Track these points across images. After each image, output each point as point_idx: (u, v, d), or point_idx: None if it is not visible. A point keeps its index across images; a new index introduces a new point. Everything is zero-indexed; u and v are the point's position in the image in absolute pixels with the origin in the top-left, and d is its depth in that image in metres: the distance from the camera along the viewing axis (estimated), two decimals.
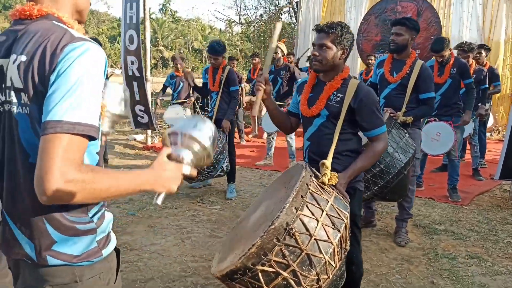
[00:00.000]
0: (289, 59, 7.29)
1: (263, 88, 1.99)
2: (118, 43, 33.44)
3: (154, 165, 1.09)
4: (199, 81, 6.44)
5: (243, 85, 8.17)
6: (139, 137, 7.95)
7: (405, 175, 2.83)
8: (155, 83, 12.29)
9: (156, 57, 34.97)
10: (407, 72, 3.19)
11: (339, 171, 1.98)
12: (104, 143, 1.23)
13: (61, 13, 1.06)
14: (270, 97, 2.13)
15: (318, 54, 2.08)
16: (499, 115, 8.09)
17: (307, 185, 1.62)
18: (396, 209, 3.72)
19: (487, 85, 5.20)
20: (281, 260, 1.47)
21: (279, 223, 1.47)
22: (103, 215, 1.13)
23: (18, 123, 1.00)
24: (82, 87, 0.92)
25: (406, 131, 3.02)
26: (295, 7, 13.57)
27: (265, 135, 6.24)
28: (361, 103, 2.04)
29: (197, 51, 38.73)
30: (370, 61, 7.24)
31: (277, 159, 6.17)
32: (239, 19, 18.94)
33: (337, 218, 1.62)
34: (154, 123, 6.75)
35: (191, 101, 6.84)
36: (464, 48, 4.81)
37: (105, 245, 1.11)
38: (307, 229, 1.51)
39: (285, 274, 1.48)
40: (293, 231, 1.48)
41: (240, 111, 7.82)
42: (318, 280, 1.53)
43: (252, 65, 8.52)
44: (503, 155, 4.16)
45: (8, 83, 1.01)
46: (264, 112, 6.69)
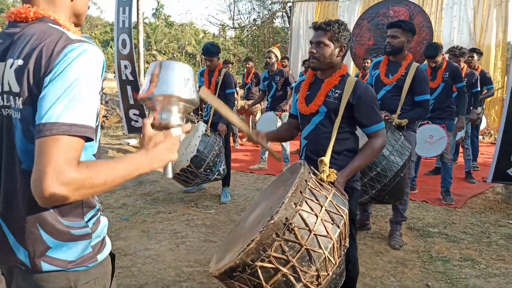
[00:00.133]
0: (283, 63, 7.31)
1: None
2: (111, 47, 33.33)
3: (144, 143, 1.04)
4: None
5: (237, 89, 8.17)
6: (133, 142, 7.91)
7: (402, 178, 2.84)
8: None
9: (149, 61, 34.87)
10: (403, 74, 3.20)
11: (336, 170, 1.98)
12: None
13: (58, 15, 1.05)
14: (267, 138, 2.22)
15: (315, 51, 2.08)
16: (490, 118, 8.17)
17: (306, 181, 1.62)
18: (390, 212, 3.74)
19: (479, 89, 5.26)
20: (280, 255, 1.46)
21: (278, 218, 1.46)
22: (98, 219, 1.11)
23: (15, 128, 1.00)
24: (79, 87, 0.91)
25: (401, 134, 3.03)
26: (288, 12, 13.64)
27: None
28: (360, 99, 2.05)
29: (191, 56, 38.71)
30: (366, 65, 7.07)
31: (271, 163, 6.17)
32: (233, 23, 19.05)
33: (336, 214, 1.62)
34: None
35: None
36: (455, 52, 4.87)
37: (100, 250, 1.10)
38: (307, 224, 1.50)
39: (284, 270, 1.46)
40: (293, 226, 1.47)
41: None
42: (318, 276, 1.51)
43: (246, 69, 8.53)
44: (495, 158, 4.19)
45: (6, 88, 1.00)
46: (258, 116, 6.70)
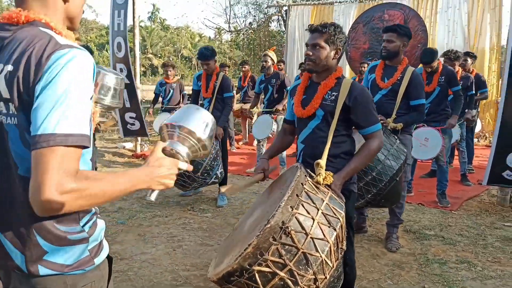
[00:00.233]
0: (279, 66, 7.33)
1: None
2: (106, 50, 33.24)
3: (149, 160, 1.07)
4: (189, 89, 6.43)
5: (233, 92, 8.17)
6: (128, 145, 7.88)
7: (398, 182, 2.84)
8: (144, 91, 12.24)
9: (145, 64, 34.85)
10: (398, 78, 3.21)
11: (333, 173, 1.98)
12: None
13: (50, 18, 1.04)
14: (268, 161, 2.27)
15: (311, 53, 2.09)
16: (485, 121, 8.22)
17: (302, 184, 1.62)
18: (386, 214, 3.75)
19: (474, 92, 5.30)
20: (277, 259, 1.46)
21: (274, 222, 1.46)
22: (95, 223, 1.11)
23: (8, 133, 0.99)
24: (70, 96, 0.91)
25: (396, 138, 3.04)
26: (284, 15, 13.69)
27: (255, 142, 6.25)
28: (356, 101, 2.05)
29: (187, 59, 38.72)
30: (362, 69, 7.06)
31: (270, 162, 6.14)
32: (229, 27, 19.08)
33: (333, 217, 1.62)
34: (146, 129, 6.71)
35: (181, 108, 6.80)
36: (450, 56, 4.91)
37: (97, 253, 1.10)
38: (303, 228, 1.50)
39: (282, 274, 1.46)
40: (289, 229, 1.47)
41: (230, 118, 7.82)
42: (315, 280, 1.51)
43: (242, 73, 8.55)
44: (491, 162, 4.21)
45: None
46: (254, 119, 6.70)
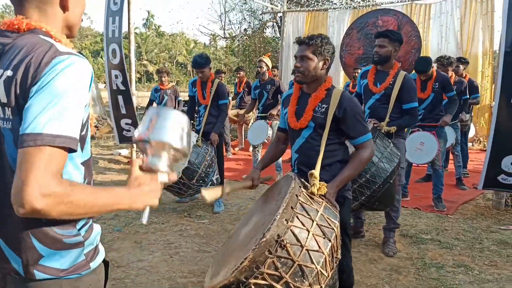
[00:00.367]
0: (272, 72, 7.36)
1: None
2: (101, 57, 33.20)
3: (129, 181, 1.07)
4: (184, 95, 6.43)
5: (229, 98, 8.19)
6: (124, 152, 7.85)
7: (391, 184, 2.86)
8: (139, 97, 12.22)
9: (140, 71, 34.85)
10: (390, 82, 3.24)
11: (327, 182, 2.00)
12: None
13: (50, 27, 1.06)
14: (260, 172, 2.40)
15: (300, 65, 2.14)
16: (479, 125, 8.29)
17: (297, 196, 1.64)
18: (383, 219, 3.75)
19: (468, 96, 5.34)
20: (273, 272, 1.48)
21: (270, 236, 1.47)
22: (91, 227, 1.12)
23: (4, 137, 1.00)
24: (64, 99, 0.92)
25: (390, 141, 3.06)
26: (279, 22, 13.78)
27: (251, 148, 6.25)
28: (345, 112, 2.09)
29: (182, 65, 38.77)
30: (356, 74, 7.12)
31: (263, 172, 6.12)
32: (224, 33, 19.15)
33: (327, 227, 1.63)
34: None
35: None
36: (443, 62, 4.95)
37: (93, 257, 1.11)
38: (298, 240, 1.52)
39: (278, 286, 1.48)
40: (285, 242, 1.48)
41: (226, 124, 7.81)
42: None
43: (237, 79, 8.57)
44: (486, 166, 4.22)
45: None
46: (250, 124, 6.71)
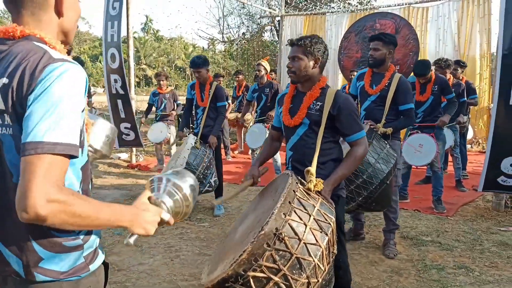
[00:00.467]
0: (271, 75, 7.38)
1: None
2: (100, 62, 33.27)
3: (136, 203, 1.14)
4: (183, 99, 6.44)
5: (229, 101, 8.21)
6: (123, 156, 7.85)
7: (388, 185, 2.88)
8: (138, 101, 12.23)
9: (139, 75, 34.89)
10: (386, 84, 3.27)
11: (323, 179, 2.03)
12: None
13: (44, 33, 1.07)
14: (258, 167, 2.44)
15: (291, 66, 2.22)
16: (478, 127, 8.31)
17: (294, 191, 1.68)
18: (383, 221, 3.75)
19: (466, 98, 5.37)
20: (272, 265, 1.50)
21: (268, 229, 1.50)
22: (90, 230, 1.13)
23: (3, 143, 1.02)
24: (61, 106, 0.94)
25: (386, 142, 3.08)
26: (277, 26, 13.82)
27: (250, 151, 6.26)
28: (340, 110, 2.14)
29: (180, 69, 38.83)
30: (352, 77, 7.25)
31: (264, 175, 6.13)
32: (222, 37, 19.20)
33: (324, 222, 1.67)
34: (141, 140, 6.70)
35: (172, 114, 6.81)
36: (441, 64, 4.98)
37: (92, 260, 1.12)
38: (296, 234, 1.55)
39: (276, 278, 1.50)
40: (283, 235, 1.52)
41: (225, 127, 7.83)
42: (308, 283, 1.55)
43: (236, 82, 8.59)
44: (485, 168, 4.23)
45: None
46: (249, 128, 6.72)
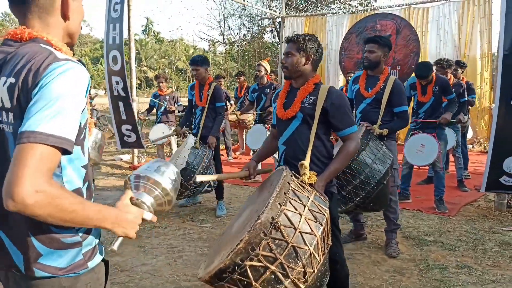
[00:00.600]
0: (271, 77, 7.40)
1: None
2: (101, 64, 33.32)
3: (118, 205, 1.15)
4: (184, 100, 6.47)
5: (231, 102, 8.24)
6: (125, 157, 7.87)
7: (385, 185, 2.90)
8: (140, 103, 12.25)
9: (140, 77, 34.92)
10: (381, 87, 3.30)
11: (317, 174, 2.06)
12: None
13: (51, 36, 1.10)
14: (256, 164, 2.53)
15: (284, 61, 2.29)
16: (479, 127, 8.31)
17: (289, 183, 1.72)
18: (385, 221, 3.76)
19: (466, 98, 5.37)
20: (268, 253, 1.52)
21: (265, 218, 1.54)
22: (90, 228, 1.14)
23: (8, 140, 1.05)
24: (61, 101, 0.95)
25: (382, 143, 3.10)
26: (278, 27, 13.84)
27: (252, 152, 6.28)
28: (333, 105, 2.19)
29: (181, 71, 38.88)
30: (349, 78, 7.36)
31: (265, 175, 6.15)
32: (223, 39, 19.22)
33: (319, 213, 1.71)
34: (142, 141, 6.71)
35: (172, 108, 6.82)
36: (442, 64, 4.99)
37: (91, 257, 1.14)
38: (292, 223, 1.58)
39: (273, 267, 1.52)
40: (279, 224, 1.55)
41: (227, 128, 7.85)
42: (304, 273, 1.58)
43: (238, 84, 8.61)
44: (488, 168, 4.21)
45: None
46: (249, 129, 6.73)
